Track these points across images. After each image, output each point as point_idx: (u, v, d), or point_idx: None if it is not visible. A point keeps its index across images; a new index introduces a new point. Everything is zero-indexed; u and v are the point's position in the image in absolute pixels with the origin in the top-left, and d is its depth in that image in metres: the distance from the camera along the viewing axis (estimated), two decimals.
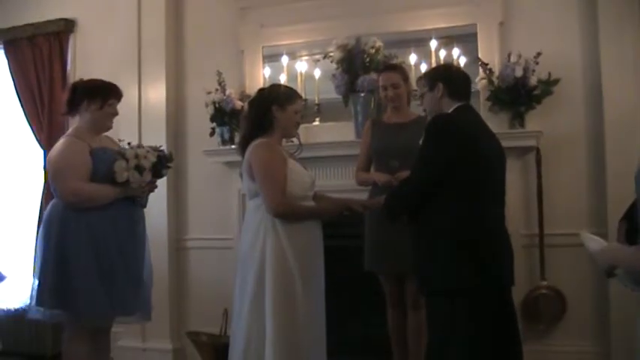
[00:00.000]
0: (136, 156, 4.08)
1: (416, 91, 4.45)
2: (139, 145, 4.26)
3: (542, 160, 4.98)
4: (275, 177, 3.65)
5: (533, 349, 4.65)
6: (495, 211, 3.44)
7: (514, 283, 3.52)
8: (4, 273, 4.03)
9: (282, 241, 3.61)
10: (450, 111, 3.49)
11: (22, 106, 6.59)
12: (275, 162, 3.69)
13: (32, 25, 6.55)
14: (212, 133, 5.74)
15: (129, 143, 4.26)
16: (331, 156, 5.34)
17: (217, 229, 5.92)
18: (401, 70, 4.68)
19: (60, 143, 4.16)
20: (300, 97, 4.04)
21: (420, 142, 3.46)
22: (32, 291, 4.13)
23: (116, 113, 4.28)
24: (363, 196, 4.53)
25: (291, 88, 4.10)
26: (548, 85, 4.96)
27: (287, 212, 3.66)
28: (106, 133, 4.33)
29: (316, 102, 5.53)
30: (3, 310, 5.70)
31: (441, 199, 3.31)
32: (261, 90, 4.10)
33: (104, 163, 4.05)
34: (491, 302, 3.31)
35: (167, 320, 5.85)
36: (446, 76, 3.58)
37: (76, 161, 4.04)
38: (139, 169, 4.06)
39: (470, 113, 3.54)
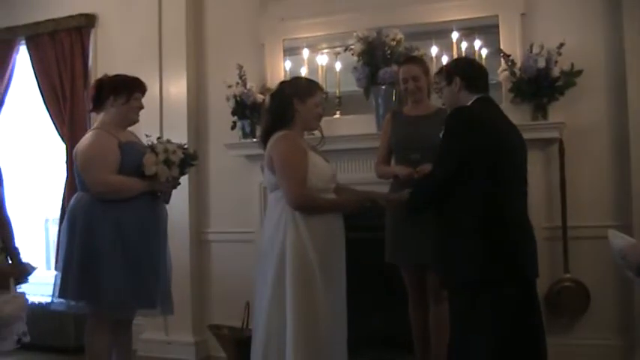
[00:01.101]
0: (166, 150, 4.13)
1: (436, 83, 4.43)
2: (168, 141, 4.29)
3: (565, 152, 4.94)
4: (296, 169, 3.64)
5: (556, 342, 4.61)
6: (518, 203, 3.41)
7: (538, 274, 3.50)
8: (33, 264, 4.07)
9: (303, 234, 3.60)
10: (468, 104, 3.48)
11: (44, 101, 6.63)
12: (296, 154, 3.68)
13: (54, 20, 6.60)
14: (233, 127, 5.74)
15: (158, 138, 4.29)
16: (352, 149, 5.32)
17: (238, 223, 5.93)
18: (421, 62, 4.66)
19: (89, 135, 4.20)
20: (321, 89, 4.02)
21: (440, 135, 3.45)
22: (56, 283, 4.17)
23: (142, 106, 4.32)
24: (384, 188, 4.51)
25: (312, 81, 4.09)
26: (571, 76, 4.92)
27: (307, 204, 3.65)
28: (129, 128, 4.35)
29: (337, 95, 5.52)
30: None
31: (463, 192, 3.30)
32: (281, 83, 4.10)
33: (132, 157, 4.10)
34: (516, 295, 3.29)
35: (189, 313, 5.87)
36: (462, 70, 3.59)
37: (105, 153, 4.08)
38: (167, 163, 4.10)
39: (489, 105, 3.53)
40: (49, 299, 4.46)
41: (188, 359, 5.84)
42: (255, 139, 5.49)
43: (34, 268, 4.05)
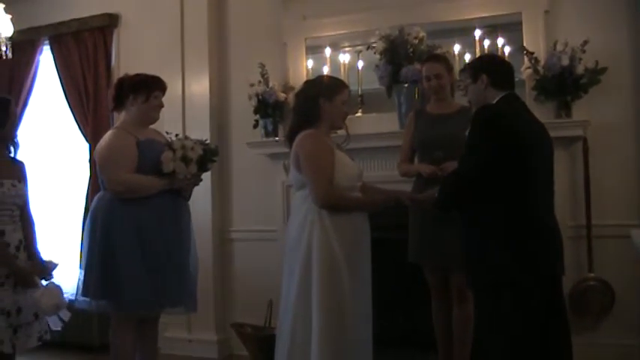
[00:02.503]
0: (183, 147, 4.13)
1: (460, 81, 4.41)
2: (186, 137, 4.30)
3: (590, 150, 4.91)
4: (322, 168, 3.64)
5: (580, 342, 4.55)
6: (543, 202, 3.38)
7: (564, 272, 3.47)
8: (55, 260, 4.12)
9: (329, 232, 3.60)
10: (494, 101, 3.44)
11: (67, 100, 6.69)
12: (322, 153, 3.68)
13: (77, 20, 6.65)
14: (255, 125, 5.75)
15: (176, 135, 4.30)
16: (375, 147, 5.31)
17: (261, 221, 5.95)
18: (444, 60, 4.64)
19: (107, 135, 4.23)
20: (347, 87, 4.01)
21: (466, 133, 3.42)
22: (79, 282, 4.20)
23: (162, 105, 4.33)
24: (407, 187, 4.51)
25: (337, 79, 4.09)
26: (596, 73, 4.87)
27: (334, 203, 3.65)
28: (152, 126, 4.37)
29: (359, 93, 5.52)
30: None
31: (490, 190, 3.27)
32: (307, 82, 4.10)
33: (150, 155, 4.11)
34: (542, 294, 3.26)
35: (212, 312, 5.90)
36: (488, 67, 3.53)
37: (123, 152, 4.10)
38: (185, 160, 4.10)
39: (515, 103, 3.48)
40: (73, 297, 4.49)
41: (211, 357, 5.87)
42: (277, 138, 5.51)
43: (56, 265, 4.10)
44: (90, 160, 6.36)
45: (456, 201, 3.48)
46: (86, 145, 6.51)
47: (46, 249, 4.28)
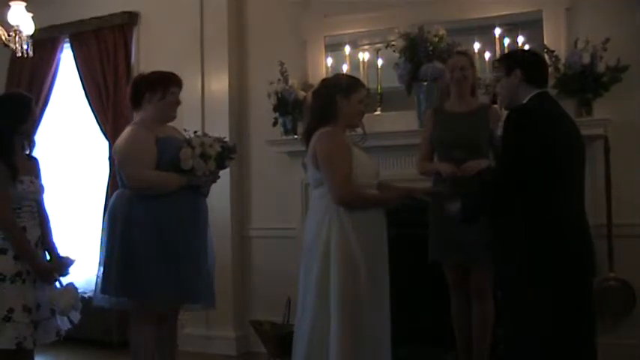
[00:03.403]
0: (202, 144, 4.13)
1: (479, 79, 4.39)
2: (205, 134, 4.31)
3: (611, 149, 4.87)
4: (340, 165, 3.64)
5: (601, 342, 4.53)
6: (574, 204, 3.33)
7: (596, 273, 3.44)
8: (72, 257, 4.16)
9: (348, 230, 3.60)
10: (526, 99, 3.36)
11: (87, 98, 6.72)
12: (340, 150, 3.68)
13: (98, 18, 6.68)
14: (275, 123, 5.76)
15: (195, 132, 4.30)
16: (393, 145, 5.31)
17: (280, 219, 5.96)
18: (469, 56, 4.68)
19: (126, 132, 4.24)
20: (364, 85, 4.00)
21: (499, 133, 3.37)
22: (98, 279, 4.22)
23: (178, 102, 4.33)
24: (426, 185, 4.50)
25: (354, 77, 4.08)
26: (617, 71, 4.84)
27: (352, 200, 3.65)
28: (171, 123, 4.38)
29: (378, 91, 5.51)
30: None
31: (524, 192, 3.23)
32: (324, 80, 4.10)
33: (169, 152, 4.11)
34: (569, 295, 3.23)
35: (231, 308, 5.92)
36: (523, 62, 3.45)
37: (142, 149, 4.11)
38: (204, 157, 4.10)
39: (548, 102, 3.42)
40: (92, 294, 4.52)
41: (229, 354, 5.89)
42: (296, 136, 5.51)
43: (73, 261, 4.13)
44: (109, 158, 6.39)
45: (486, 213, 3.42)
46: (106, 143, 6.54)
47: (64, 246, 4.32)
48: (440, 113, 4.63)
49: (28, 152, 4.15)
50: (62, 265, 4.08)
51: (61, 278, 4.07)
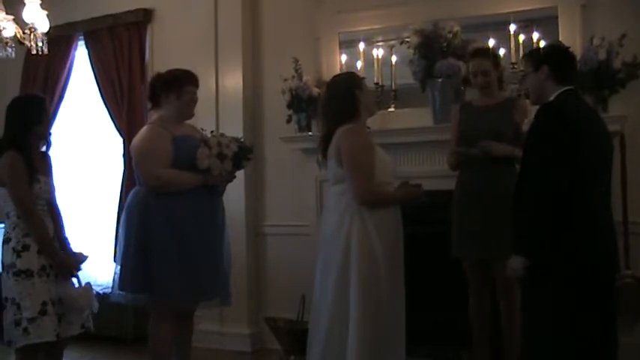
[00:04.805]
0: (219, 144, 4.14)
1: (521, 68, 4.33)
2: (222, 134, 4.32)
3: (627, 146, 4.83)
4: (365, 164, 3.67)
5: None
6: (598, 203, 3.31)
7: (615, 274, 3.43)
8: (85, 253, 4.23)
9: (368, 227, 3.63)
10: (553, 96, 3.34)
11: (102, 95, 6.74)
12: (366, 149, 3.71)
13: (112, 15, 6.70)
14: (289, 120, 5.76)
15: (212, 132, 4.32)
16: (408, 142, 5.31)
17: (294, 216, 5.96)
18: (492, 55, 4.61)
19: (143, 130, 4.27)
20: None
21: (525, 128, 3.34)
22: (115, 275, 4.26)
23: (195, 100, 4.34)
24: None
25: (350, 72, 4.11)
26: (633, 68, 4.80)
27: (374, 199, 3.69)
28: (187, 122, 4.39)
29: (393, 88, 5.50)
30: None
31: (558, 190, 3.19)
32: (333, 83, 4.03)
33: (186, 151, 4.13)
34: (588, 294, 3.21)
35: (245, 305, 5.93)
36: (552, 58, 3.44)
37: (158, 147, 4.13)
38: (220, 156, 4.12)
39: (576, 99, 3.40)
40: (109, 290, 4.55)
41: (243, 350, 5.91)
42: (310, 133, 5.52)
43: (85, 257, 4.21)
44: (124, 155, 6.41)
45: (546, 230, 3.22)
46: (120, 140, 6.56)
47: (78, 242, 4.37)
48: (466, 107, 4.61)
49: (43, 150, 4.23)
50: (75, 260, 4.18)
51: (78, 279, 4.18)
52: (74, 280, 4.13)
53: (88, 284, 4.18)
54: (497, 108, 4.43)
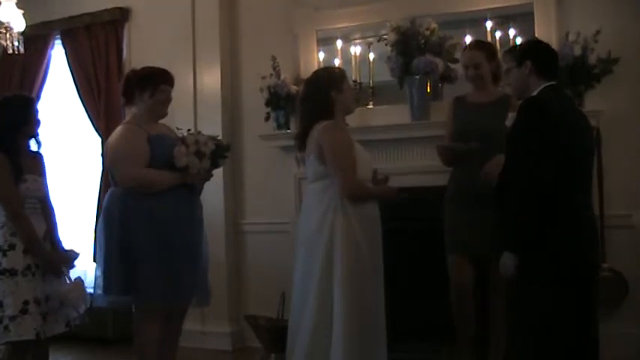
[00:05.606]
0: (196, 142, 4.11)
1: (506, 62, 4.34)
2: (199, 133, 4.29)
3: (602, 141, 4.88)
4: (349, 159, 3.69)
5: None
6: (578, 200, 3.33)
7: (597, 271, 3.49)
8: (76, 251, 4.22)
9: (352, 222, 3.65)
10: (537, 91, 3.37)
11: (79, 94, 6.71)
12: (347, 144, 3.74)
13: (89, 14, 6.67)
14: (267, 118, 5.76)
15: (188, 130, 4.29)
16: (385, 139, 5.32)
17: (274, 214, 5.97)
18: (487, 48, 4.57)
19: (117, 130, 4.22)
20: (344, 71, 4.11)
21: (508, 124, 3.36)
22: (97, 280, 4.16)
23: (169, 99, 4.27)
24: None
25: (333, 67, 4.09)
26: (608, 63, 4.86)
27: (359, 194, 3.72)
28: (162, 121, 4.35)
29: (371, 85, 5.52)
30: None
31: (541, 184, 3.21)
32: (312, 80, 4.03)
33: (162, 150, 4.09)
34: (570, 292, 3.24)
35: (225, 304, 5.93)
36: (534, 53, 3.46)
37: (134, 147, 4.08)
38: (198, 154, 4.09)
39: (559, 94, 3.42)
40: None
41: (224, 349, 5.91)
42: (289, 130, 5.52)
43: (77, 255, 4.21)
44: (102, 154, 6.38)
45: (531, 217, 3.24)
46: (98, 139, 6.53)
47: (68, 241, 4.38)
48: (460, 102, 4.59)
49: (35, 150, 4.24)
50: (68, 258, 4.19)
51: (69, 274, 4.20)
52: (66, 279, 4.14)
53: (79, 278, 4.18)
54: (492, 105, 4.41)
